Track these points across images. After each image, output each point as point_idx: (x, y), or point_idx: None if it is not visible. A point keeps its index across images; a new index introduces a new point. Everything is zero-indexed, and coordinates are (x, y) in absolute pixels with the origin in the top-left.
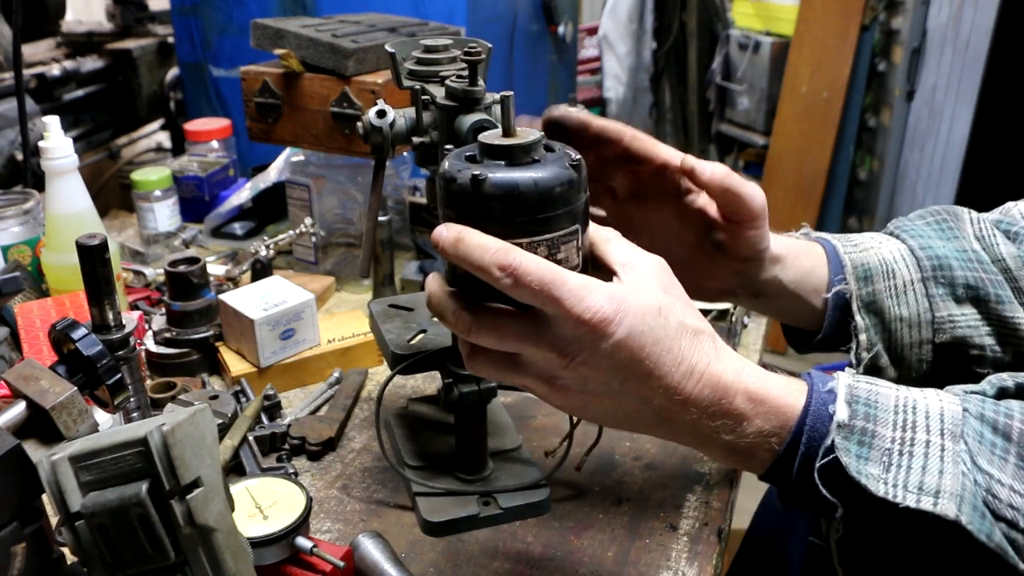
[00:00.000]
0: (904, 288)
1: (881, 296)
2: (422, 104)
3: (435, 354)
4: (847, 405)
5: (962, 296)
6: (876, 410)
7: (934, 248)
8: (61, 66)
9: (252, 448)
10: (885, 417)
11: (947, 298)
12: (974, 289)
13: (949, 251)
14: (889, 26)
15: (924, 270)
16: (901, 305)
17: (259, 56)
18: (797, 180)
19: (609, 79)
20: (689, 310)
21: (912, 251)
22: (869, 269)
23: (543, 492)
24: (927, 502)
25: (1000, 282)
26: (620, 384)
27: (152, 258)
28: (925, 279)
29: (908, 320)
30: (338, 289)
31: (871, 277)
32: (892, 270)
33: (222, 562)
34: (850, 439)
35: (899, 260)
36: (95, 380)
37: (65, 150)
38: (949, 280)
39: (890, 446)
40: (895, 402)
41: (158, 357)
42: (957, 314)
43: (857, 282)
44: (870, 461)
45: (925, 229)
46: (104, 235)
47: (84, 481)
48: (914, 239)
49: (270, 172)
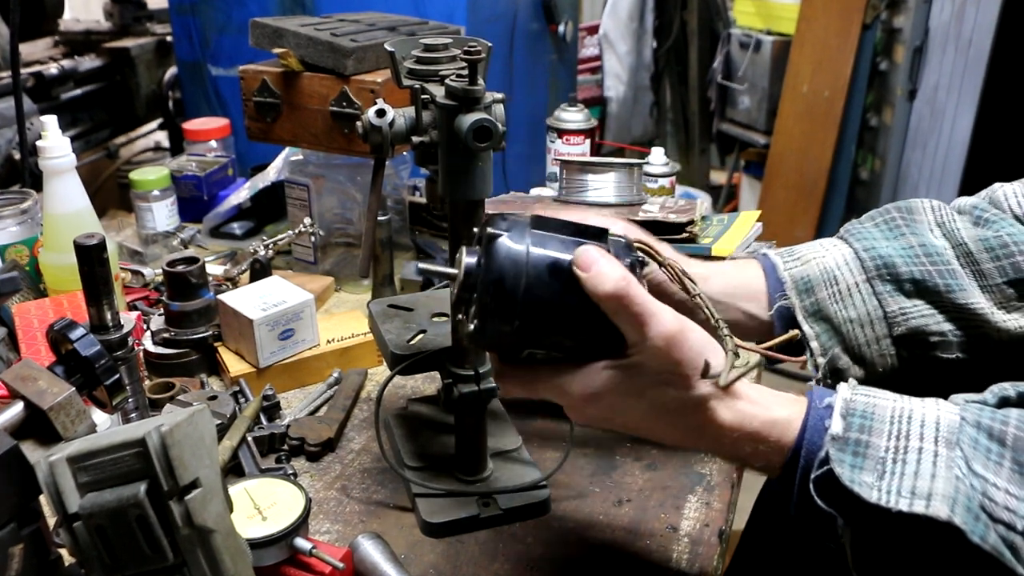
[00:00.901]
0: (849, 291)
1: (825, 303)
2: (422, 103)
3: (435, 354)
4: (842, 418)
5: (910, 290)
6: (872, 421)
7: (877, 248)
8: (59, 65)
9: (251, 449)
10: (880, 428)
11: (895, 293)
12: (920, 283)
13: (893, 249)
14: (891, 25)
15: (868, 271)
16: (848, 307)
17: (258, 55)
18: (798, 179)
19: (610, 78)
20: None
21: (856, 253)
22: (809, 280)
23: (543, 493)
24: (919, 505)
25: (951, 271)
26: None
27: (150, 258)
28: (870, 279)
29: (859, 320)
30: (337, 289)
31: (812, 288)
32: (834, 277)
33: (221, 563)
34: (844, 450)
35: (842, 266)
36: (93, 380)
37: (63, 149)
38: (894, 277)
39: (884, 455)
40: (891, 413)
41: (156, 357)
42: (908, 306)
43: (799, 295)
44: (864, 470)
45: (872, 231)
46: (102, 235)
47: (82, 482)
48: (859, 242)
49: (269, 172)
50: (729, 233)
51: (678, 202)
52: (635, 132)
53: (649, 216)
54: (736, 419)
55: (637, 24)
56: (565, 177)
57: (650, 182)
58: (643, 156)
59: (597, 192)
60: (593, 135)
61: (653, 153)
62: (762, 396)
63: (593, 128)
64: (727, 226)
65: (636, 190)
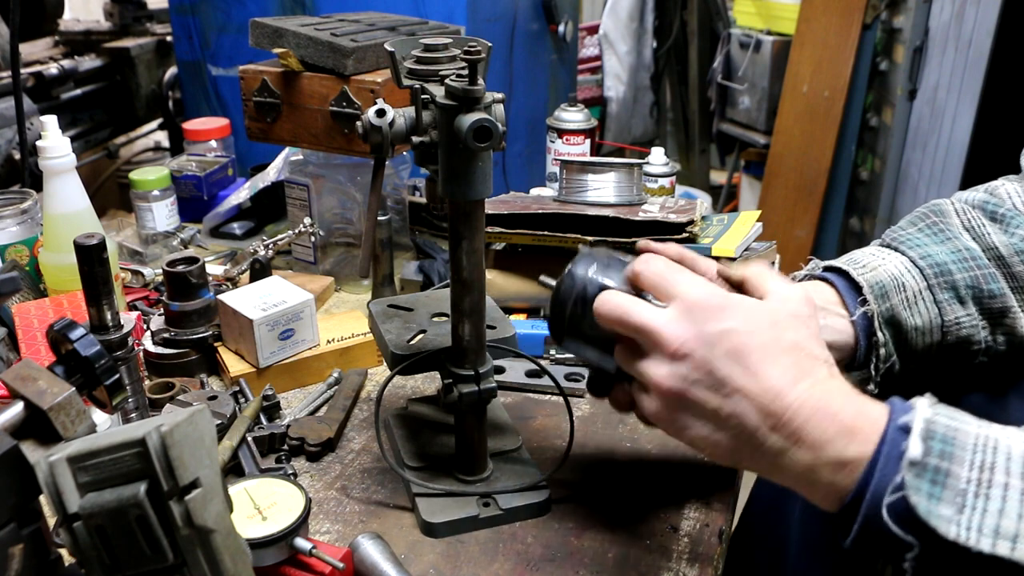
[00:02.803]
0: (915, 298)
1: (898, 309)
2: (422, 103)
3: (434, 354)
4: (922, 441)
5: (965, 296)
6: (953, 447)
7: (933, 256)
8: (59, 65)
9: (251, 449)
10: (962, 456)
11: (953, 301)
12: (974, 289)
13: (946, 255)
14: (891, 25)
15: (928, 278)
16: (915, 315)
17: (258, 55)
18: (798, 179)
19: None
20: (811, 338)
21: (914, 262)
22: (884, 286)
23: (543, 493)
24: (1004, 547)
25: (992, 275)
26: (724, 377)
27: (150, 258)
28: (931, 287)
29: (922, 328)
30: (337, 289)
31: (887, 293)
32: (902, 283)
33: (220, 563)
34: (922, 477)
35: (905, 273)
36: (93, 380)
37: (63, 149)
38: (951, 284)
39: (965, 487)
40: (974, 440)
41: (156, 357)
42: (962, 315)
43: (876, 300)
44: (942, 501)
45: (919, 237)
46: (102, 235)
47: (82, 482)
48: (912, 249)
49: (269, 172)
50: (729, 233)
51: (678, 202)
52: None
53: (649, 216)
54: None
55: (637, 24)
56: (565, 177)
57: (650, 182)
58: (643, 156)
59: (597, 192)
60: (593, 135)
61: (653, 153)
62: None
63: (593, 128)
64: (727, 226)
65: (636, 190)
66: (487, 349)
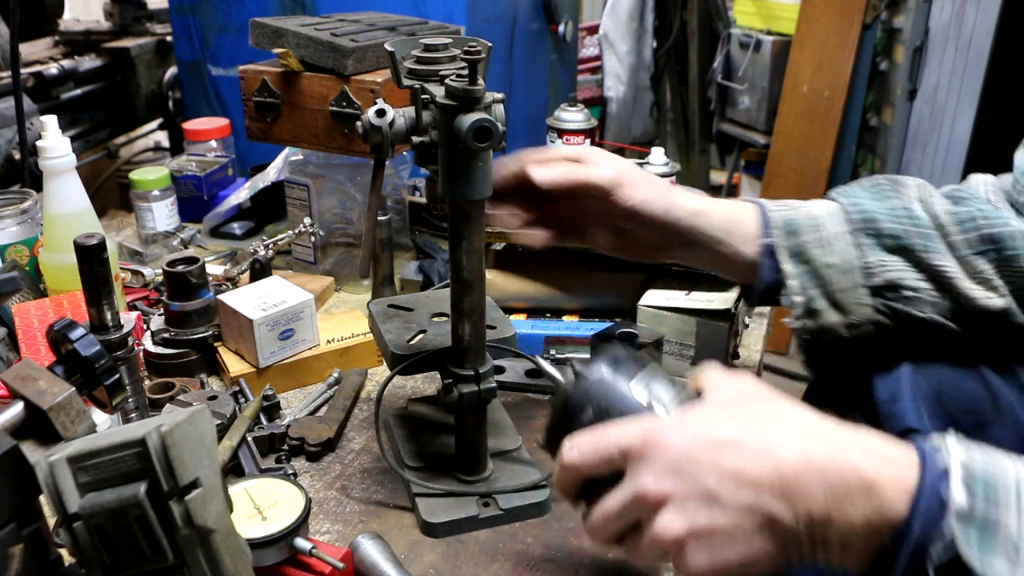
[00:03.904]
0: (832, 239)
1: (808, 246)
2: (422, 103)
3: (434, 354)
4: (965, 487)
5: (890, 246)
6: (996, 491)
7: (862, 204)
8: (59, 65)
9: (251, 449)
10: (1007, 499)
11: (876, 247)
12: (900, 239)
13: (877, 208)
14: (891, 25)
15: (853, 223)
16: (829, 254)
17: (258, 55)
18: (798, 179)
19: (610, 78)
20: (771, 402)
21: (842, 208)
22: (795, 223)
23: (543, 493)
24: None
25: (930, 234)
26: (710, 488)
27: (150, 258)
28: (854, 231)
29: (838, 267)
30: (337, 289)
31: (797, 231)
32: (818, 224)
33: (220, 563)
34: (970, 527)
35: (827, 216)
36: (93, 380)
37: (63, 149)
38: (876, 232)
39: (1016, 537)
40: (1017, 482)
41: (156, 357)
42: (887, 259)
43: (785, 236)
44: (995, 554)
45: (859, 192)
46: (102, 235)
47: (82, 482)
48: (846, 198)
49: (269, 172)
50: None
51: None
52: (635, 132)
53: None
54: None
55: (637, 24)
56: None
57: None
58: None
59: None
60: (593, 135)
61: (653, 153)
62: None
63: (593, 128)
64: None
65: None
66: (487, 349)
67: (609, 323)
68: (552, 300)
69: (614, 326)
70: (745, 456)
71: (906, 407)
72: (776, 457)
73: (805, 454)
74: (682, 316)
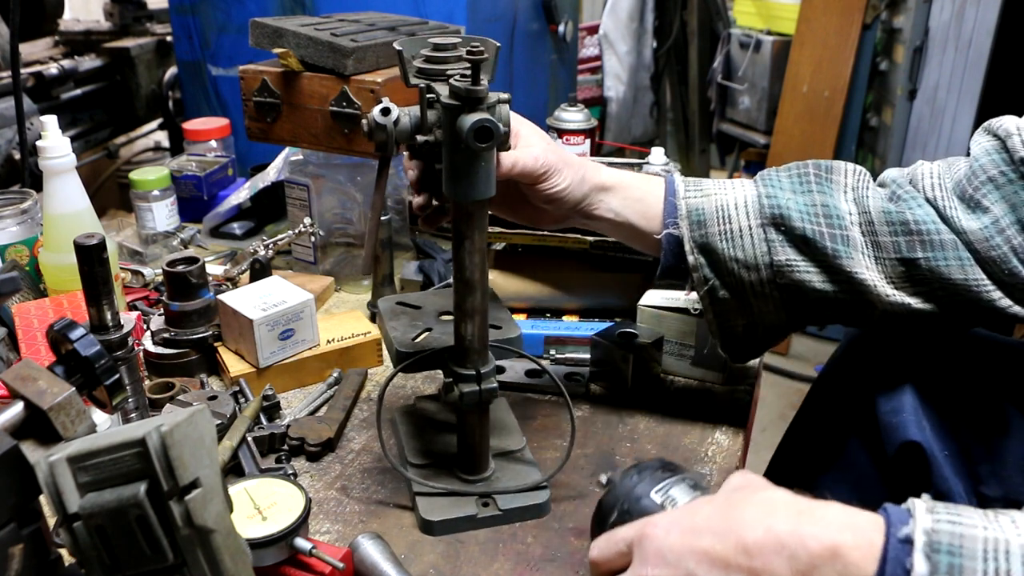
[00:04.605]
0: (740, 232)
1: (714, 239)
2: (428, 103)
3: (437, 353)
4: (926, 558)
5: (800, 246)
6: (962, 559)
7: (779, 198)
8: (59, 65)
9: (251, 449)
10: (973, 567)
11: (786, 244)
12: (809, 241)
13: (794, 203)
14: (891, 25)
15: (764, 217)
16: (736, 248)
17: (258, 55)
18: None
19: (610, 78)
20: (750, 489)
21: (759, 198)
22: (703, 213)
23: (543, 495)
24: None
25: (844, 237)
26: (694, 568)
27: (150, 258)
28: (764, 225)
29: (744, 262)
30: (337, 289)
31: (704, 221)
32: (728, 215)
33: (220, 563)
34: None
35: (740, 207)
36: (93, 380)
37: (63, 149)
38: (788, 229)
39: None
40: (983, 546)
41: (156, 357)
42: (796, 259)
43: (690, 225)
44: None
45: (783, 180)
46: (102, 235)
47: (82, 482)
48: (766, 187)
49: (269, 172)
50: None
51: None
52: (635, 132)
53: None
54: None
55: (637, 24)
56: None
57: None
58: (643, 156)
59: None
60: (593, 135)
61: (653, 153)
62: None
63: (593, 128)
64: None
65: None
66: (491, 349)
67: (609, 323)
68: (552, 300)
69: (614, 326)
70: (715, 538)
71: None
72: (740, 535)
73: (768, 528)
74: (682, 316)
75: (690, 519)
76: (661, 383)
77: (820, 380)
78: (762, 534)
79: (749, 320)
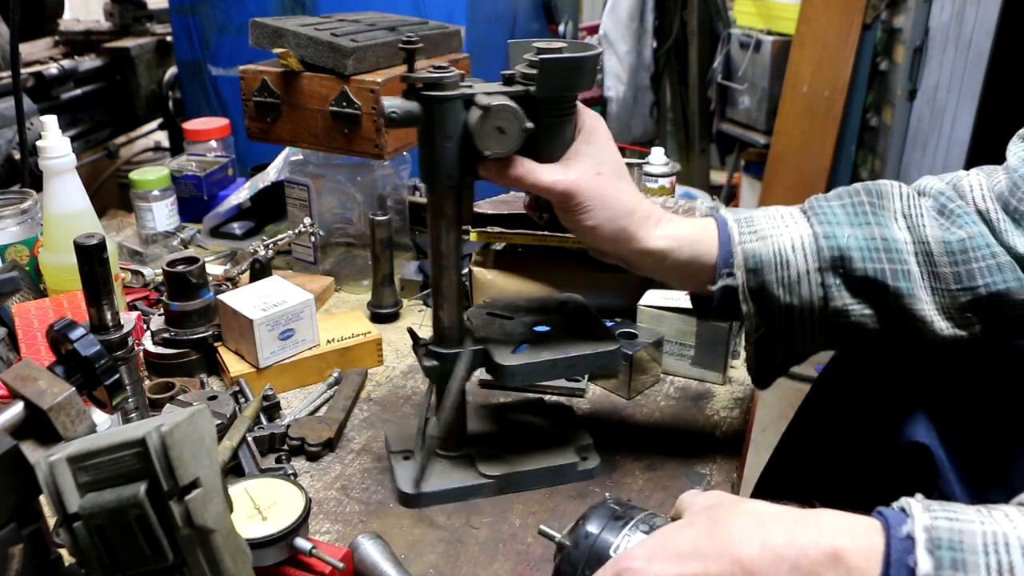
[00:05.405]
0: (798, 279)
1: (771, 287)
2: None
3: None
4: (929, 554)
5: (858, 288)
6: (963, 553)
7: (837, 237)
8: (59, 65)
9: (251, 449)
10: (975, 561)
11: (843, 288)
12: (872, 282)
13: (853, 240)
14: (891, 25)
15: (823, 260)
16: (792, 295)
17: (258, 55)
18: (798, 179)
19: (610, 78)
20: (729, 506)
21: (816, 238)
22: (760, 260)
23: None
24: None
25: (906, 272)
26: None
27: (150, 258)
28: (823, 269)
29: (799, 308)
30: (337, 289)
31: (761, 269)
32: (786, 260)
33: (220, 563)
34: None
35: (796, 249)
36: (93, 380)
37: (63, 149)
38: (848, 272)
39: None
40: (983, 540)
41: (156, 357)
42: (852, 303)
43: (746, 273)
44: None
45: (838, 212)
46: (102, 235)
47: (82, 482)
48: (822, 224)
49: (269, 172)
50: None
51: (678, 202)
52: (635, 132)
53: None
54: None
55: (637, 24)
56: None
57: (650, 182)
58: (643, 156)
59: None
60: None
61: (653, 153)
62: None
63: None
64: None
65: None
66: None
67: (609, 323)
68: None
69: (614, 326)
70: (707, 560)
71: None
72: (735, 554)
73: (763, 542)
74: (682, 316)
75: (672, 545)
76: (661, 383)
77: (820, 380)
78: (758, 549)
79: (789, 353)
